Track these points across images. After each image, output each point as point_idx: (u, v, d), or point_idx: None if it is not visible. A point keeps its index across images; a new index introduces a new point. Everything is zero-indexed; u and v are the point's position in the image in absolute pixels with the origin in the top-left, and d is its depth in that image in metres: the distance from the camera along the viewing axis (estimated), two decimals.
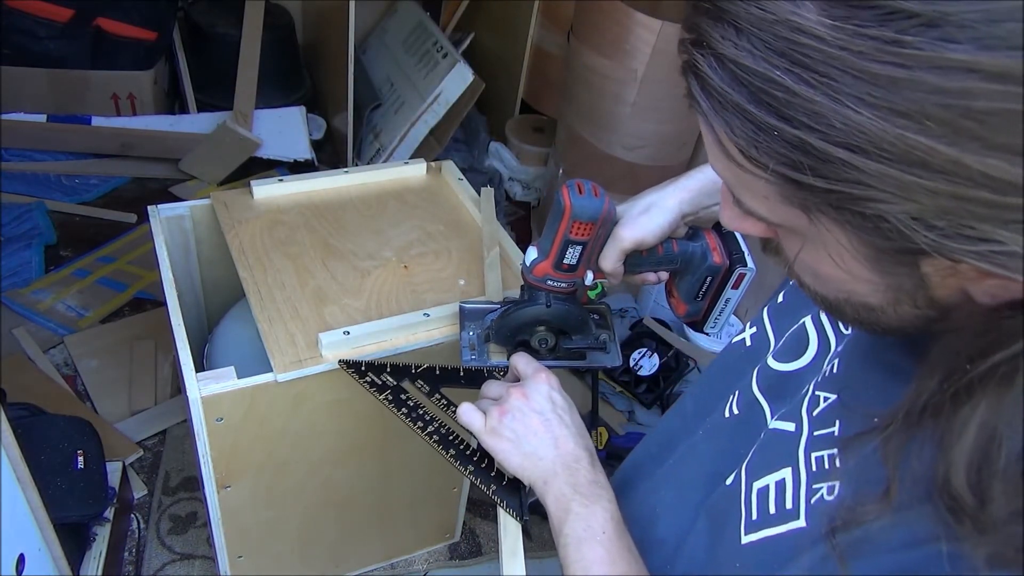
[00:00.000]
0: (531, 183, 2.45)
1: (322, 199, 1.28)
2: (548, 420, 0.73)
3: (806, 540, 0.56)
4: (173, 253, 1.20)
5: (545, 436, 0.72)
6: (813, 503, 0.56)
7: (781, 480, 0.60)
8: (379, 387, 0.89)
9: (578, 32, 1.96)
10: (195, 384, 0.96)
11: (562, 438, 0.72)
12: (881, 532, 0.48)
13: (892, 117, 0.36)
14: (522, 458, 0.72)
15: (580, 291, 0.84)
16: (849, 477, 0.54)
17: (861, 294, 0.47)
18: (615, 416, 1.78)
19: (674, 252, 0.81)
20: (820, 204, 0.41)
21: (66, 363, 1.76)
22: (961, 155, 0.35)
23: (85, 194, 2.21)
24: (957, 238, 0.38)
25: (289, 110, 2.41)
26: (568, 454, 0.71)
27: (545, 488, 0.70)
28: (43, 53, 2.19)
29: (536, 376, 0.77)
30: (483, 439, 0.75)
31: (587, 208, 0.74)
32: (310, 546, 1.30)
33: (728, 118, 0.41)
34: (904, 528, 0.47)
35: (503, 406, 0.74)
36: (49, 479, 1.27)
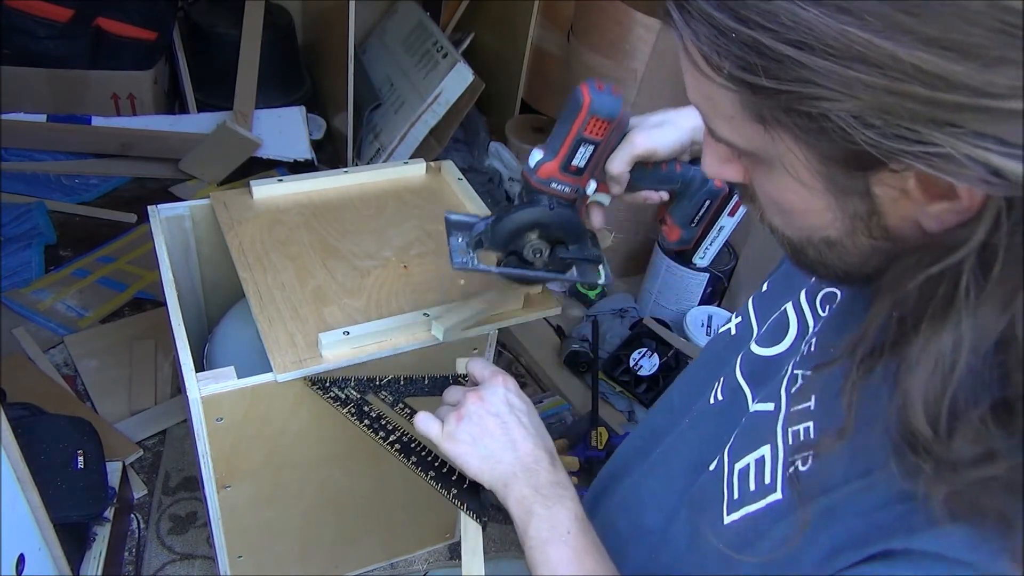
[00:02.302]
0: None
1: (322, 199, 1.28)
2: (505, 423, 0.72)
3: (782, 511, 0.57)
4: (173, 253, 1.20)
5: (502, 439, 0.71)
6: (789, 474, 0.57)
7: (760, 458, 0.61)
8: (342, 401, 0.88)
9: (578, 32, 1.96)
10: (195, 384, 0.96)
11: (520, 440, 0.71)
12: (849, 499, 0.49)
13: (836, 14, 0.38)
14: (480, 461, 0.71)
15: (579, 202, 0.82)
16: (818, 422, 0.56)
17: (821, 227, 0.49)
18: (615, 416, 1.78)
19: (676, 172, 0.81)
20: (774, 110, 0.43)
21: (66, 363, 1.76)
22: (896, 48, 0.37)
23: (85, 194, 2.21)
24: (895, 139, 0.39)
25: (289, 110, 2.41)
26: (527, 455, 0.70)
27: (506, 491, 0.70)
28: (43, 53, 2.19)
29: (493, 379, 0.76)
30: (440, 445, 0.74)
31: (606, 104, 0.72)
32: (310, 546, 1.31)
33: (695, 26, 0.44)
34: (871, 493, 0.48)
35: (459, 411, 0.73)
36: (49, 479, 1.27)
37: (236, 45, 2.34)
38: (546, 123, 2.51)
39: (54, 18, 2.16)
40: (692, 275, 1.92)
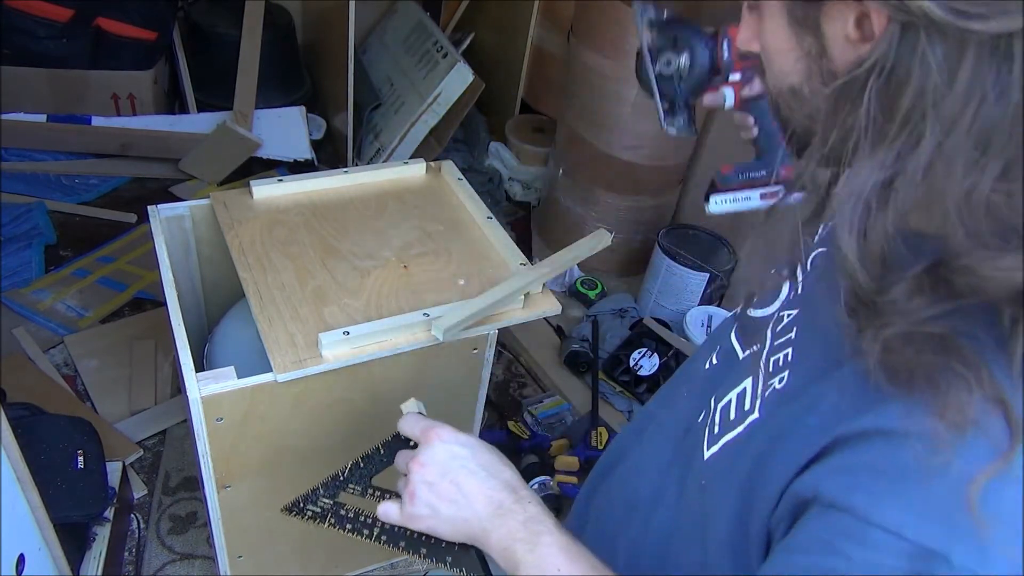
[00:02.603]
0: (531, 183, 2.45)
1: (322, 199, 1.28)
2: (454, 479, 0.69)
3: (758, 428, 0.59)
4: (173, 253, 1.20)
5: (457, 497, 0.69)
6: (767, 396, 0.59)
7: (742, 390, 0.64)
8: (320, 516, 0.86)
9: (578, 32, 1.96)
10: (195, 384, 0.96)
11: (475, 492, 0.68)
12: (811, 401, 0.53)
13: None
14: (449, 526, 0.70)
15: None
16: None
17: (787, 73, 0.53)
18: (615, 416, 1.78)
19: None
20: None
21: (66, 363, 1.76)
22: None
23: (85, 194, 2.21)
24: None
25: (289, 110, 2.41)
26: (487, 504, 0.68)
27: (486, 544, 0.68)
28: (43, 53, 2.20)
29: (425, 437, 0.72)
30: (408, 526, 0.73)
31: None
32: (310, 546, 1.31)
33: None
34: (829, 393, 0.51)
35: (409, 487, 0.71)
36: (49, 479, 1.27)
37: (236, 45, 2.34)
38: (546, 123, 2.51)
39: (54, 18, 2.16)
40: (692, 275, 1.92)
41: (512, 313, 1.13)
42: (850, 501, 0.47)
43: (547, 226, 2.31)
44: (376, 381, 1.09)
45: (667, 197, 2.14)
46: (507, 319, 1.12)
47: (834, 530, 0.47)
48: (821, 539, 0.48)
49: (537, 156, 2.44)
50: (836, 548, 0.46)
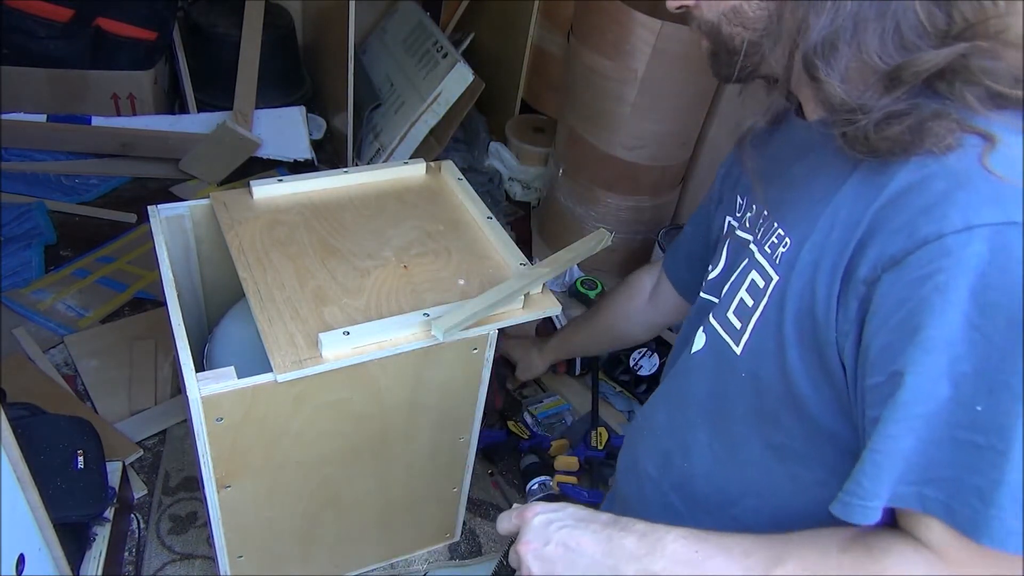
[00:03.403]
0: (531, 183, 2.45)
1: (322, 199, 1.28)
2: (560, 540, 0.71)
3: (786, 284, 0.69)
4: (173, 253, 1.20)
5: (568, 554, 0.70)
6: (778, 263, 0.70)
7: (750, 282, 0.74)
8: None
9: (578, 32, 1.96)
10: (195, 384, 0.96)
11: (582, 541, 0.70)
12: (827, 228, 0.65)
13: None
14: None
15: None
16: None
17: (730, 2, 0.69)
18: (615, 416, 1.78)
19: None
20: None
21: (66, 363, 1.76)
22: None
23: (85, 194, 2.21)
24: None
25: (289, 110, 2.41)
26: (599, 544, 0.70)
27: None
28: (43, 53, 2.19)
29: (522, 519, 0.75)
30: None
31: None
32: (310, 546, 1.31)
33: None
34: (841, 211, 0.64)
35: (522, 570, 0.73)
36: (49, 479, 1.27)
37: (236, 45, 2.34)
38: (546, 123, 2.52)
39: (54, 18, 2.16)
40: None
41: (512, 313, 1.13)
42: (916, 238, 0.56)
43: (547, 226, 2.31)
44: (376, 381, 1.10)
45: (667, 197, 2.14)
46: (507, 319, 1.12)
47: (917, 266, 0.56)
48: (909, 282, 0.57)
49: (537, 156, 2.44)
50: (927, 275, 0.55)
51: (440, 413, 1.22)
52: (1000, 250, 0.53)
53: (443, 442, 1.28)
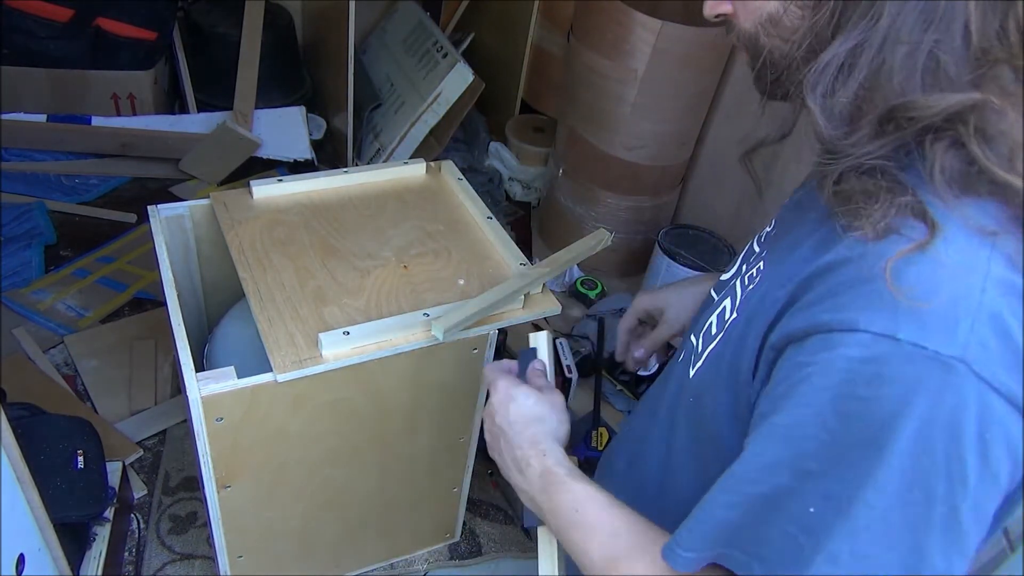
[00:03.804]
0: (531, 183, 2.45)
1: (322, 199, 1.28)
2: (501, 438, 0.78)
3: (736, 325, 0.66)
4: (173, 253, 1.20)
5: (497, 456, 0.79)
6: (742, 300, 0.68)
7: (722, 308, 0.72)
8: None
9: (578, 32, 1.96)
10: (195, 384, 0.96)
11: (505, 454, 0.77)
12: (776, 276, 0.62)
13: None
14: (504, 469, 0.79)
15: None
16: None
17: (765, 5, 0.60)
18: (615, 416, 1.78)
19: None
20: None
21: (66, 363, 1.76)
22: None
23: (85, 194, 2.21)
24: None
25: (289, 110, 2.41)
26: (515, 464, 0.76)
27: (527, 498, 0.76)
28: (43, 53, 2.19)
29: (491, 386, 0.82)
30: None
31: None
32: (310, 546, 1.31)
33: None
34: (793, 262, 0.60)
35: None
36: (49, 479, 1.27)
37: (236, 45, 2.34)
38: (546, 123, 2.51)
39: (54, 18, 2.16)
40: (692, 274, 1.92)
41: (512, 313, 1.13)
42: (815, 322, 0.54)
43: (547, 226, 2.31)
44: (376, 381, 1.10)
45: (667, 197, 2.14)
46: (507, 319, 1.12)
47: (806, 351, 0.54)
48: (795, 363, 0.55)
49: (537, 156, 2.44)
50: (805, 363, 0.54)
51: (440, 413, 1.22)
52: (871, 360, 0.50)
53: (443, 442, 1.28)
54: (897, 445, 0.48)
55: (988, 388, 0.48)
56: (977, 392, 0.48)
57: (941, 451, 0.48)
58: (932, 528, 0.49)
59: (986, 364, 0.48)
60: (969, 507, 0.49)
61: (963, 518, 0.49)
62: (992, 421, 0.48)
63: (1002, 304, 0.50)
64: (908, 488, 0.49)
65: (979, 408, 0.48)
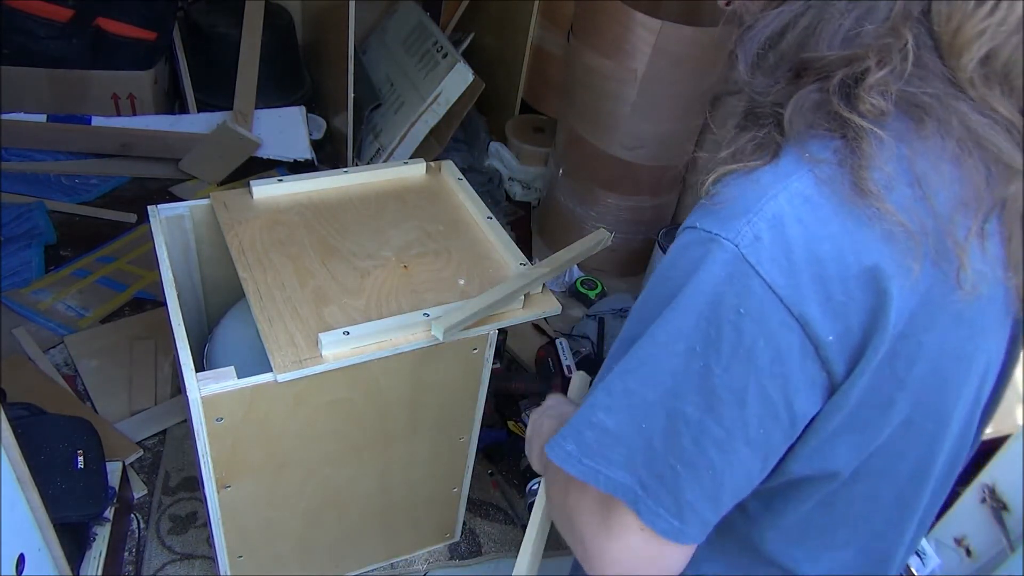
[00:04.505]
0: (531, 183, 2.45)
1: (322, 199, 1.28)
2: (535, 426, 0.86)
3: None
4: (173, 253, 1.20)
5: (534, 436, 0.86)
6: None
7: None
8: None
9: (578, 32, 1.96)
10: (195, 384, 0.96)
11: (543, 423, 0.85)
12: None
13: None
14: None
15: None
16: None
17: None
18: None
19: None
20: None
21: (66, 363, 1.76)
22: None
23: (85, 194, 2.21)
24: None
25: (289, 110, 2.41)
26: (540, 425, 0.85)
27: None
28: (43, 53, 2.19)
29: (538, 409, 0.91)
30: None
31: None
32: (310, 546, 1.31)
33: None
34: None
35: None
36: (49, 479, 1.27)
37: (236, 45, 2.34)
38: (546, 123, 2.51)
39: (54, 18, 2.16)
40: None
41: (512, 313, 1.13)
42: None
43: (547, 226, 2.31)
44: (376, 381, 1.10)
45: (667, 197, 2.14)
46: (507, 319, 1.12)
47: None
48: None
49: (537, 156, 2.44)
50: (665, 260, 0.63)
51: (440, 413, 1.22)
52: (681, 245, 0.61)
53: (443, 442, 1.28)
54: (675, 303, 0.58)
55: (752, 271, 0.55)
56: (742, 272, 0.56)
57: (705, 315, 0.57)
58: (688, 377, 0.57)
59: (753, 251, 0.56)
60: (721, 372, 0.56)
61: (716, 382, 0.56)
62: (750, 299, 0.56)
63: (787, 209, 0.56)
64: (675, 339, 0.58)
65: (741, 286, 0.56)
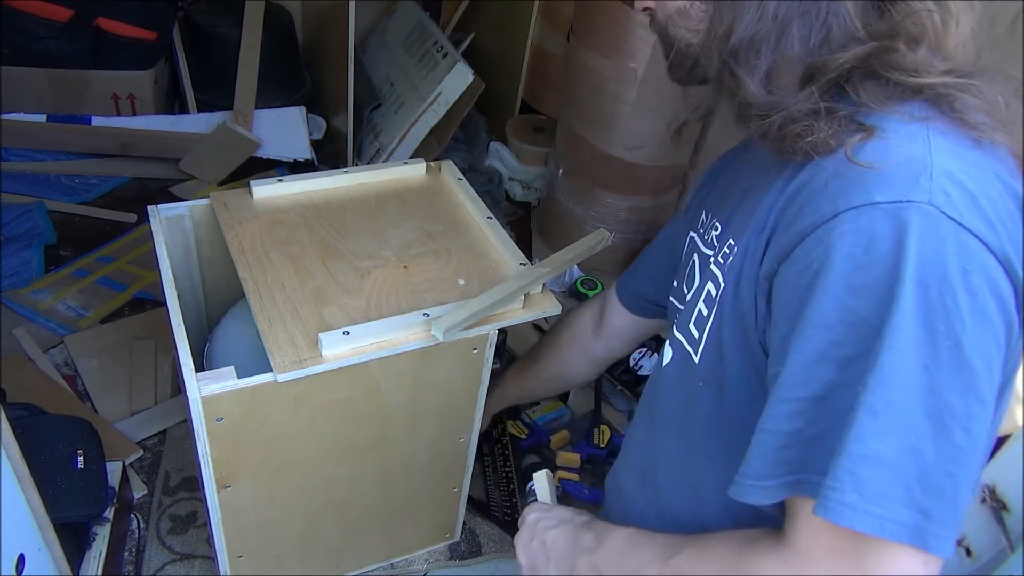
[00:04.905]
0: (531, 183, 2.45)
1: (322, 199, 1.28)
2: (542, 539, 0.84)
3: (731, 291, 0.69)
4: (173, 253, 1.20)
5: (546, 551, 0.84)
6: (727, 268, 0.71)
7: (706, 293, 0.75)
8: None
9: (578, 32, 1.95)
10: (195, 384, 0.96)
11: (559, 538, 0.82)
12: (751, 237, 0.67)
13: None
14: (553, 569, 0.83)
15: None
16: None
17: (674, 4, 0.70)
18: (615, 415, 1.78)
19: None
20: None
21: (66, 363, 1.76)
22: None
23: (85, 194, 2.21)
24: None
25: (289, 110, 2.41)
26: (569, 540, 0.81)
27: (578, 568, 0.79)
28: (43, 53, 2.19)
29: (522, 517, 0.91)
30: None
31: None
32: (310, 546, 1.31)
33: None
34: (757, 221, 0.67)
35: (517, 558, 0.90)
36: (49, 479, 1.27)
37: (236, 45, 2.34)
38: (546, 123, 2.51)
39: (54, 18, 2.16)
40: None
41: (512, 313, 1.13)
42: (798, 231, 0.59)
43: (547, 226, 2.30)
44: (376, 381, 1.10)
45: (667, 197, 2.14)
46: (507, 319, 1.12)
47: (800, 258, 0.59)
48: (794, 274, 0.59)
49: (537, 156, 2.44)
50: (805, 265, 0.58)
51: (440, 413, 1.22)
52: (861, 230, 0.55)
53: (443, 442, 1.28)
54: (901, 291, 0.52)
55: (959, 227, 0.53)
56: (952, 231, 0.53)
57: (935, 288, 0.52)
58: (941, 365, 0.52)
59: (952, 206, 0.54)
60: (969, 340, 0.52)
61: (967, 353, 0.52)
62: (969, 256, 0.53)
63: (949, 162, 0.56)
64: (915, 328, 0.52)
65: (957, 245, 0.53)
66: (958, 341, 0.52)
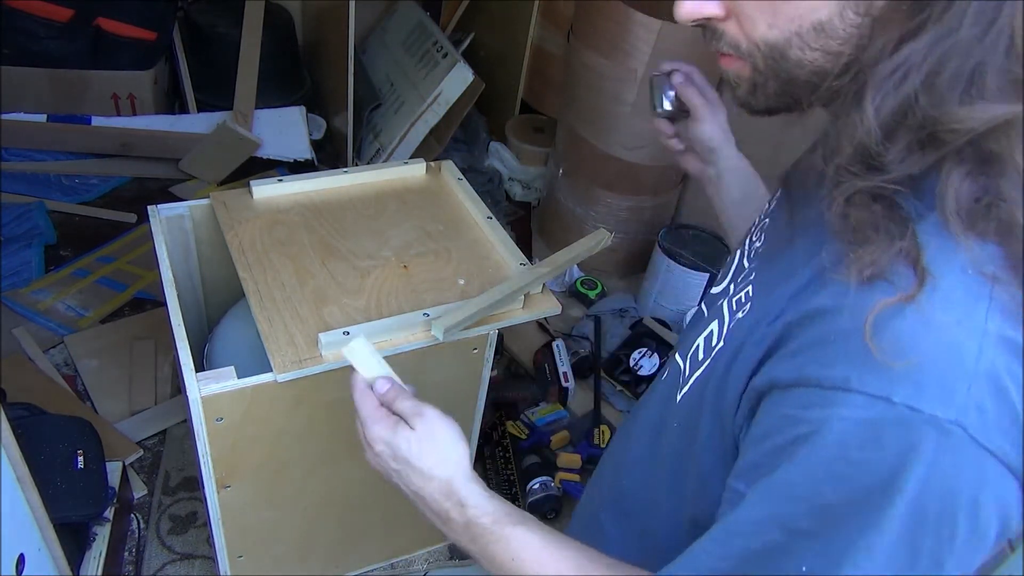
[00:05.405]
0: (531, 183, 2.45)
1: (322, 199, 1.28)
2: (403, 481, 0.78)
3: (722, 355, 0.62)
4: (173, 253, 1.20)
5: (410, 495, 0.78)
6: (731, 328, 0.63)
7: (709, 332, 0.68)
8: None
9: (578, 32, 1.96)
10: (195, 384, 0.96)
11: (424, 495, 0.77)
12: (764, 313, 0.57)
13: None
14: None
15: None
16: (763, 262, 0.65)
17: (812, 9, 0.50)
18: (616, 416, 1.78)
19: None
20: None
21: (66, 363, 1.76)
22: None
23: (85, 194, 2.21)
24: None
25: (289, 110, 2.41)
26: (438, 512, 0.77)
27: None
28: (43, 53, 2.19)
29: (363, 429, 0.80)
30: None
31: None
32: (310, 546, 1.31)
33: None
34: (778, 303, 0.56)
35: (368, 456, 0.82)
36: (49, 479, 1.27)
37: (236, 45, 2.34)
38: (546, 123, 2.51)
39: (54, 18, 2.16)
40: (692, 275, 1.92)
41: (512, 313, 1.13)
42: (802, 374, 0.51)
43: (547, 226, 2.31)
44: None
45: (667, 197, 2.14)
46: (507, 319, 1.12)
47: (794, 403, 0.51)
48: (783, 415, 0.51)
49: (537, 156, 2.44)
50: (798, 418, 0.50)
51: None
52: (866, 423, 0.47)
53: None
54: (891, 510, 0.47)
55: (985, 452, 0.46)
56: (974, 457, 0.46)
57: (933, 513, 0.47)
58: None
59: (983, 428, 0.46)
60: (955, 562, 0.48)
61: (946, 571, 0.48)
62: (986, 485, 0.47)
63: (1000, 364, 0.47)
64: (896, 548, 0.47)
65: (975, 473, 0.46)
66: (940, 563, 0.48)
